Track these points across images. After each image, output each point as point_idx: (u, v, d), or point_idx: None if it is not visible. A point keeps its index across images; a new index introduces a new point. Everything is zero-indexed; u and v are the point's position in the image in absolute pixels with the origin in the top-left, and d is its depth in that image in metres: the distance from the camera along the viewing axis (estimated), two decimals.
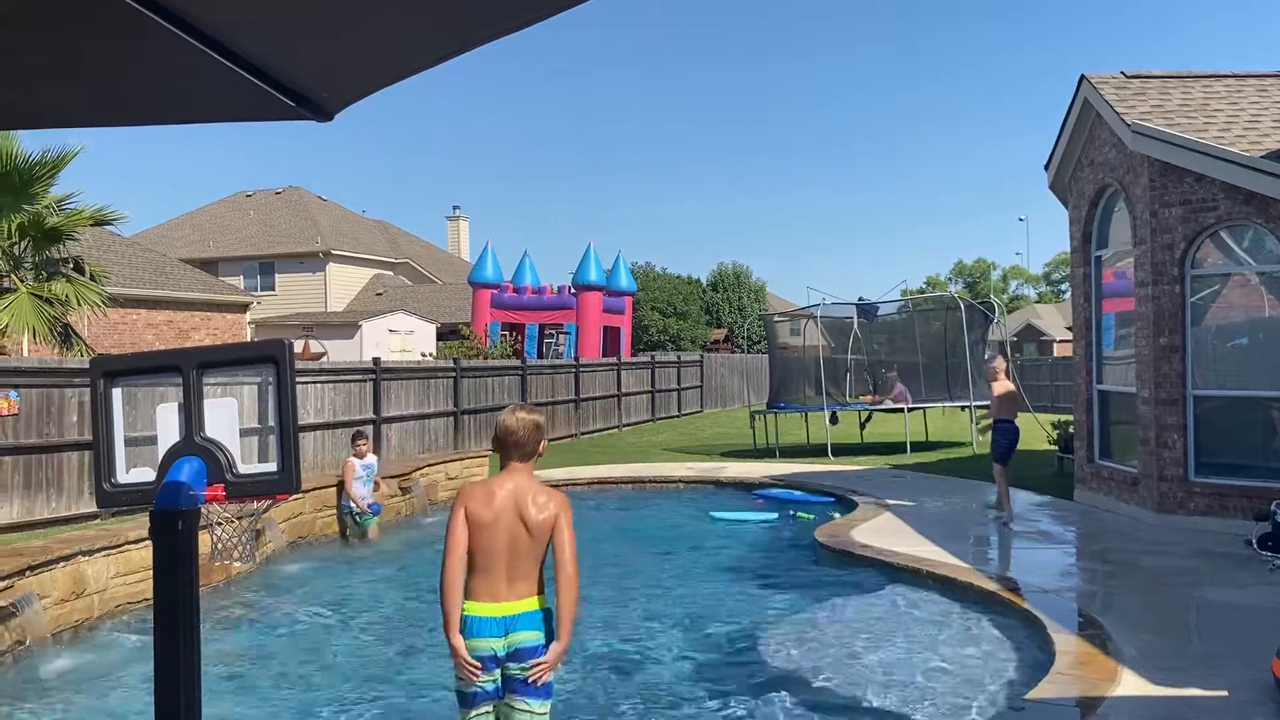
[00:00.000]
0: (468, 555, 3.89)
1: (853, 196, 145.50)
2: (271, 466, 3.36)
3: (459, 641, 3.84)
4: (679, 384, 32.68)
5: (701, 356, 36.70)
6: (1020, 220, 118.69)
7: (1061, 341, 61.77)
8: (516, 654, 3.84)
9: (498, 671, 3.88)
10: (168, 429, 3.56)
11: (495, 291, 31.89)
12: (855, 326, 21.58)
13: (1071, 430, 14.20)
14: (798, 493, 13.95)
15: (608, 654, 7.07)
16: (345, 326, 32.71)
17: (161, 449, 3.53)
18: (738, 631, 7.58)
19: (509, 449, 4.04)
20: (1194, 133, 10.29)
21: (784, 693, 6.10)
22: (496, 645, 3.83)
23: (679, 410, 32.33)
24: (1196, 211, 10.29)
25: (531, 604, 3.91)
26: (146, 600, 7.95)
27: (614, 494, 15.24)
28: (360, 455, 11.63)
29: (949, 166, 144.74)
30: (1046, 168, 13.27)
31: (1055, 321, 68.17)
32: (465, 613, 3.87)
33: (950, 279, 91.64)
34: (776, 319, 25.64)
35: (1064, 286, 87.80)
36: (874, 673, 6.42)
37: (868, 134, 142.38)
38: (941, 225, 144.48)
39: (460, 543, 3.89)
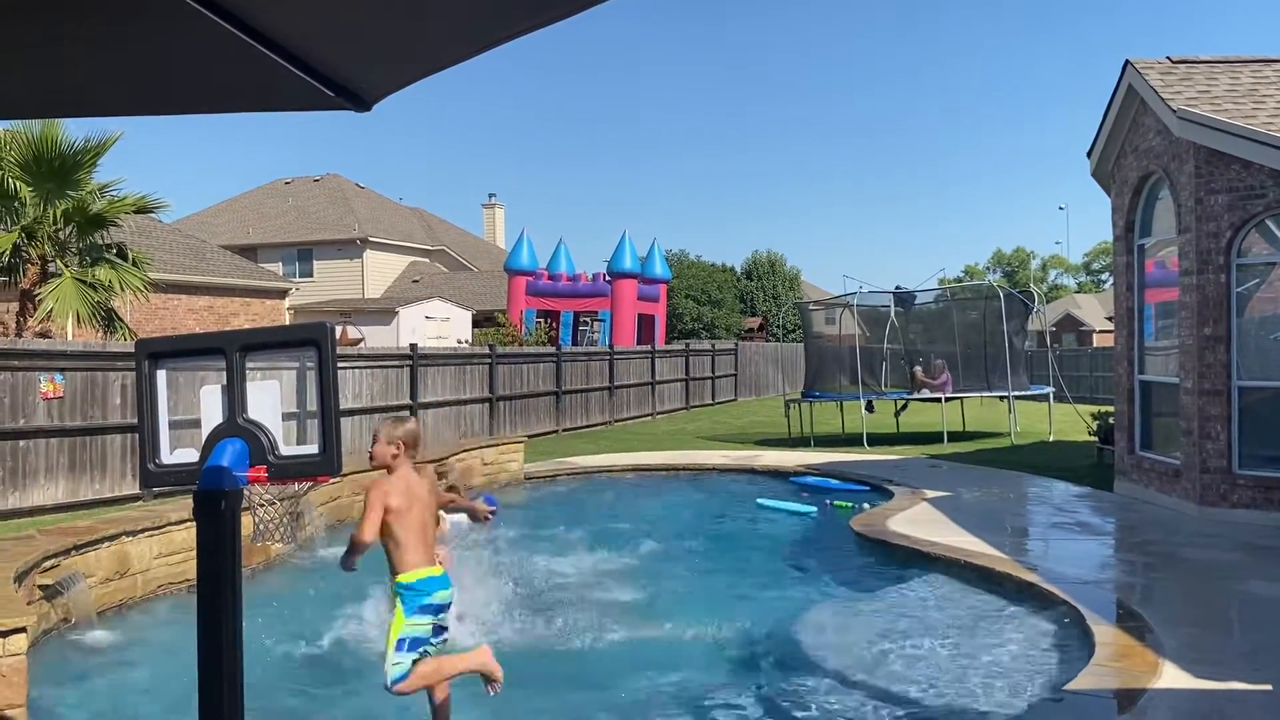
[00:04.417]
0: (397, 534, 4.72)
1: (889, 185, 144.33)
2: (313, 449, 3.41)
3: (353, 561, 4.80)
4: (713, 372, 32.63)
5: (736, 345, 36.60)
6: (1060, 209, 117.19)
7: (1101, 332, 60.94)
8: (448, 604, 4.86)
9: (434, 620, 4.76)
10: (211, 410, 3.62)
11: (531, 279, 31.98)
12: (892, 315, 21.41)
13: (1112, 421, 14.01)
14: (834, 481, 13.89)
15: (643, 637, 7.08)
16: (382, 313, 32.96)
17: (205, 430, 3.59)
18: (771, 618, 7.57)
19: (416, 449, 5.00)
20: (1242, 118, 10.09)
21: (819, 680, 6.09)
22: (448, 595, 4.81)
23: (713, 398, 32.29)
24: (1243, 199, 10.10)
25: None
26: (189, 580, 8.07)
27: (649, 481, 15.26)
28: (451, 512, 11.36)
29: (988, 154, 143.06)
30: (1089, 155, 13.07)
31: (1095, 311, 67.27)
32: (424, 575, 4.72)
33: (989, 268, 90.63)
34: (812, 307, 25.51)
35: (1104, 276, 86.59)
36: (910, 662, 6.39)
37: (904, 121, 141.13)
38: (980, 214, 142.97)
39: (380, 519, 4.72)
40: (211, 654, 3.66)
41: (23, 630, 4.97)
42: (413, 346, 17.81)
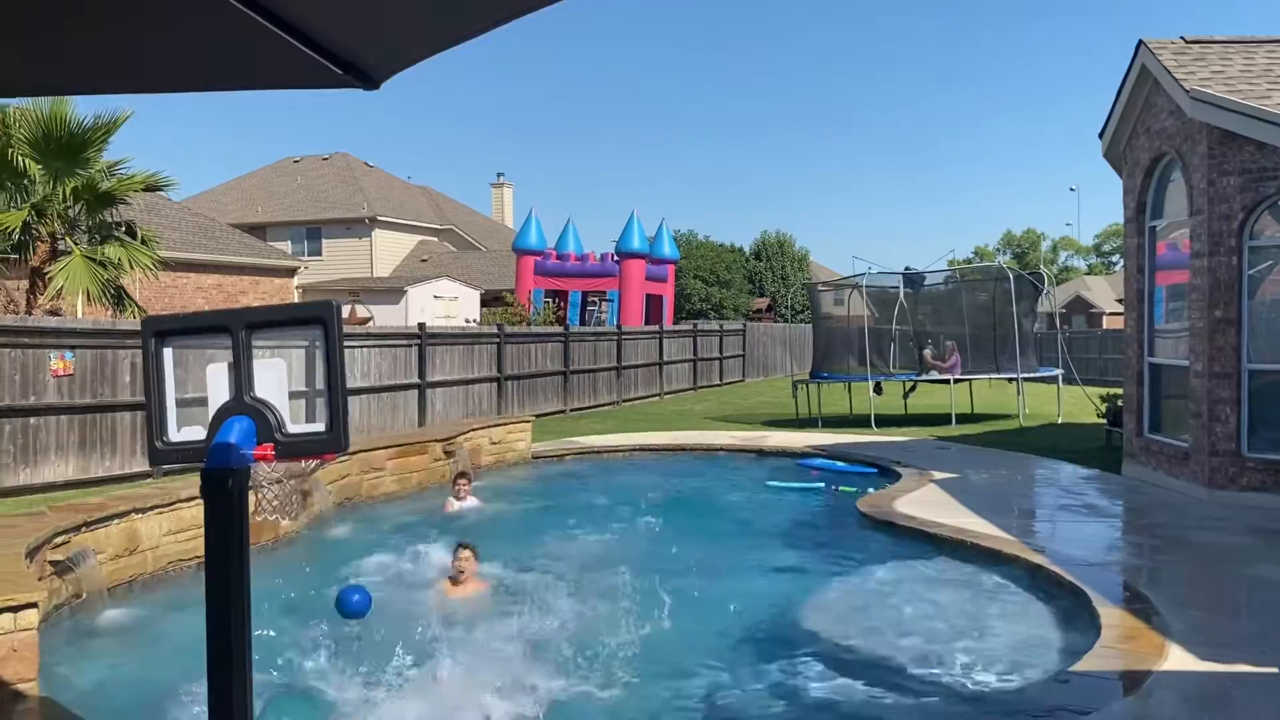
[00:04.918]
0: None
1: (899, 165, 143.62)
2: (320, 426, 3.41)
3: None
4: (721, 353, 32.62)
5: (744, 325, 36.56)
6: (1071, 190, 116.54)
7: (1111, 314, 60.70)
8: None
9: None
10: (218, 388, 3.61)
11: (539, 258, 31.96)
12: (901, 296, 21.32)
13: (1121, 404, 13.98)
14: (841, 463, 13.89)
15: (652, 620, 7.10)
16: (391, 292, 32.98)
17: (212, 408, 3.59)
18: (777, 598, 7.60)
19: None
20: (1256, 99, 10.00)
21: (823, 658, 6.11)
22: None
23: (720, 379, 32.29)
24: (1256, 181, 10.03)
25: None
26: (198, 558, 8.11)
27: (656, 461, 15.28)
28: (460, 497, 10.93)
29: (999, 134, 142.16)
30: (1101, 136, 12.98)
31: (1105, 293, 66.98)
32: None
33: (999, 249, 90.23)
34: (821, 288, 25.44)
35: (1115, 258, 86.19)
36: (916, 643, 6.40)
37: (914, 101, 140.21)
38: (990, 195, 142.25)
39: None
40: (220, 629, 3.66)
41: (34, 605, 5.00)
42: (421, 326, 17.83)
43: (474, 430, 14.11)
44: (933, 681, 5.71)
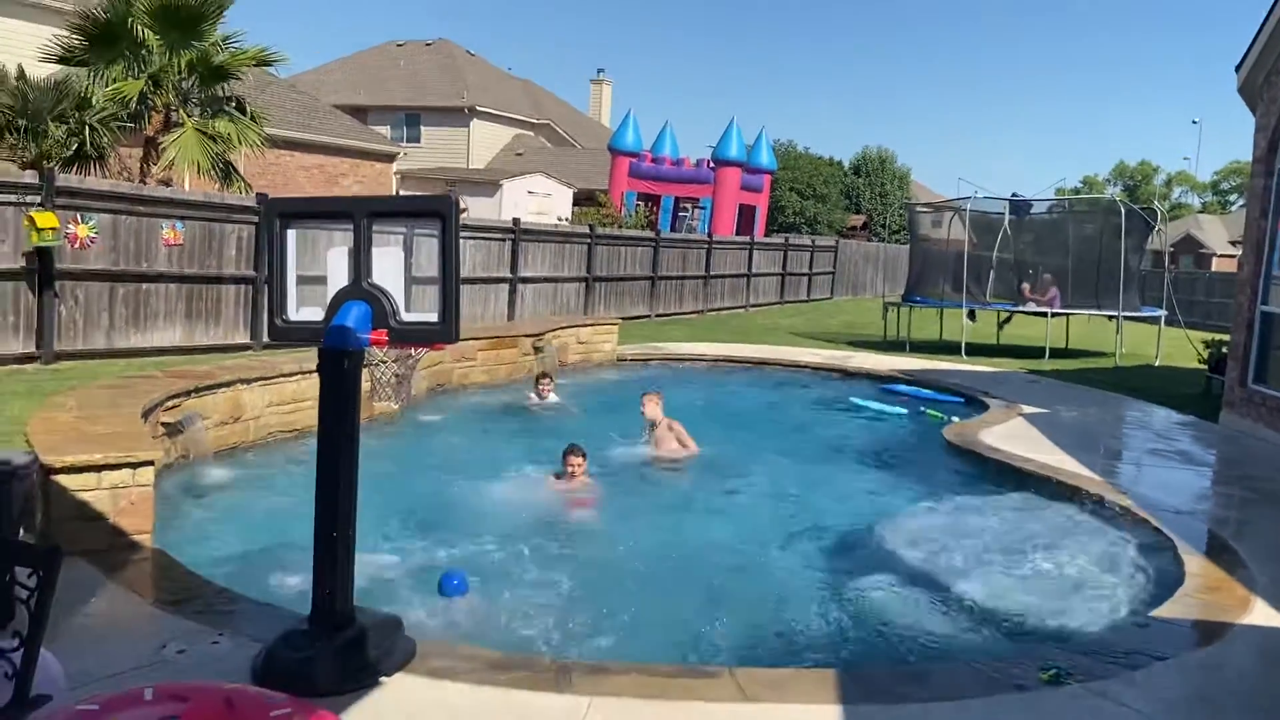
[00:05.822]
0: None
1: (1010, 83, 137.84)
2: (432, 316, 3.49)
3: None
4: (811, 268, 32.21)
5: (836, 242, 35.97)
6: (1194, 123, 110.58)
7: (1222, 256, 58.13)
8: None
9: None
10: (337, 272, 3.70)
11: (634, 160, 31.68)
12: (1005, 224, 20.67)
13: (1225, 350, 13.49)
14: (927, 391, 13.73)
15: (724, 536, 7.22)
16: (485, 184, 33.11)
17: (330, 291, 3.68)
18: (857, 520, 7.62)
19: None
20: None
21: (900, 586, 6.15)
22: None
23: (808, 295, 31.97)
24: None
25: None
26: (297, 430, 8.44)
27: (740, 373, 15.30)
28: (542, 396, 11.26)
29: (1120, 58, 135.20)
30: (1238, 69, 12.26)
31: (1218, 234, 64.06)
32: None
33: (1109, 180, 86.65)
34: (920, 209, 24.82)
35: (1233, 198, 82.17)
36: (994, 576, 6.38)
37: (1031, 19, 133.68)
38: (1105, 122, 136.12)
39: None
40: (329, 497, 3.83)
41: (151, 464, 5.28)
42: (515, 221, 17.94)
43: (562, 328, 14.27)
44: (1007, 615, 5.71)
